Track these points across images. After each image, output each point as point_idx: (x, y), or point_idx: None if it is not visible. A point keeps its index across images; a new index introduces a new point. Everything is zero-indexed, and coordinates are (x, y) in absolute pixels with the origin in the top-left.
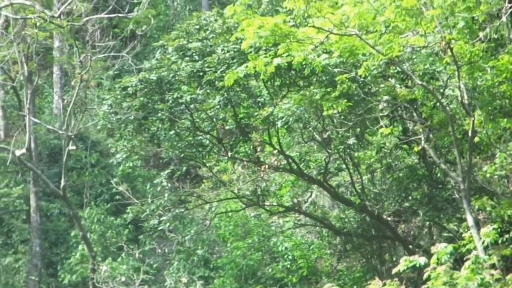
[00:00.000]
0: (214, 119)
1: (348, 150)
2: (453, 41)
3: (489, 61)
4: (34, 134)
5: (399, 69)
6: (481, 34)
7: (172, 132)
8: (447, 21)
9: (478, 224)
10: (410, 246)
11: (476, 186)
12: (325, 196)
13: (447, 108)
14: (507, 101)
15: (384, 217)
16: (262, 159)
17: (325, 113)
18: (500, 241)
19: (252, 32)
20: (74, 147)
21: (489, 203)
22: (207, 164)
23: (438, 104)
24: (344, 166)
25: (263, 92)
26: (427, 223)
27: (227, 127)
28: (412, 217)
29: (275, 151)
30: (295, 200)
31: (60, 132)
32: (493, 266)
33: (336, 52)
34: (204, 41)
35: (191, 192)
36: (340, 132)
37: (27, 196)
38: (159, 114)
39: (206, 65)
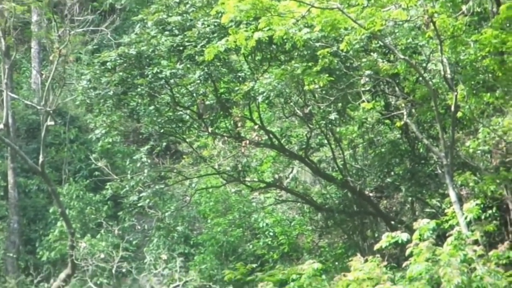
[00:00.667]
0: (194, 94)
1: (329, 125)
2: (435, 15)
3: (472, 35)
4: (11, 109)
5: (381, 43)
6: (464, 7)
7: (151, 107)
8: None
9: (460, 200)
10: (392, 222)
11: (459, 161)
12: (306, 172)
13: (430, 82)
14: (490, 75)
15: (366, 193)
16: (242, 135)
17: (306, 88)
18: (483, 217)
19: (233, 6)
20: (52, 123)
21: (472, 179)
22: (187, 140)
23: (420, 78)
24: (325, 141)
25: (244, 67)
26: (410, 198)
27: (207, 102)
28: (394, 192)
29: (256, 127)
30: (276, 176)
31: (38, 107)
32: (476, 242)
33: (318, 26)
34: (184, 15)
35: (171, 168)
36: (322, 107)
37: (5, 172)
38: (139, 89)
39: (186, 39)
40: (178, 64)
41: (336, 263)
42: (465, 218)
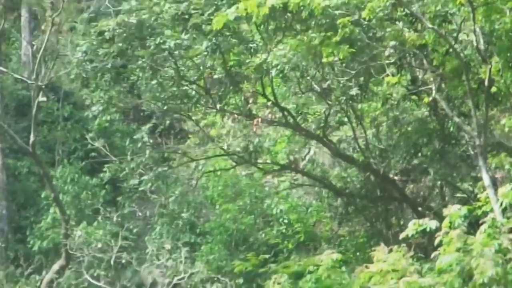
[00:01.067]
0: (201, 67)
1: (350, 102)
2: None
3: (508, 2)
4: (0, 84)
5: (408, 11)
6: None
7: (154, 81)
8: None
9: (495, 184)
10: (420, 208)
11: (493, 141)
12: (324, 153)
13: (461, 54)
14: None
15: (391, 176)
16: (254, 112)
17: (324, 60)
18: None
19: None
20: (44, 99)
21: (507, 160)
22: (193, 118)
23: (451, 50)
24: (346, 119)
25: (256, 37)
26: (439, 182)
27: (215, 76)
28: (421, 176)
29: (269, 103)
30: (291, 158)
31: (29, 82)
32: (511, 230)
33: None
34: None
35: (176, 149)
36: (342, 82)
37: None
38: (140, 62)
39: (192, 6)
40: (183, 34)
41: (358, 253)
42: (500, 204)
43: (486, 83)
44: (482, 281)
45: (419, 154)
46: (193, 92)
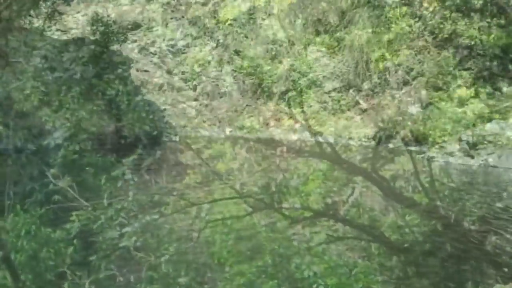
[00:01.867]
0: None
1: (409, 122)
2: None
3: None
4: None
5: None
6: None
7: (138, 97)
8: None
9: None
10: (506, 269)
11: None
12: (374, 194)
13: None
14: None
15: (466, 224)
16: (277, 138)
17: (373, 66)
18: None
19: None
20: None
21: None
22: (193, 146)
23: None
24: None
25: (279, 35)
26: None
27: (222, 90)
28: (508, 224)
29: (298, 125)
30: (328, 201)
31: None
32: None
33: None
34: None
35: (170, 189)
36: (398, 96)
37: None
38: (120, 70)
39: None
40: (178, 33)
41: None
42: None
43: None
44: None
45: (504, 194)
46: (193, 111)
